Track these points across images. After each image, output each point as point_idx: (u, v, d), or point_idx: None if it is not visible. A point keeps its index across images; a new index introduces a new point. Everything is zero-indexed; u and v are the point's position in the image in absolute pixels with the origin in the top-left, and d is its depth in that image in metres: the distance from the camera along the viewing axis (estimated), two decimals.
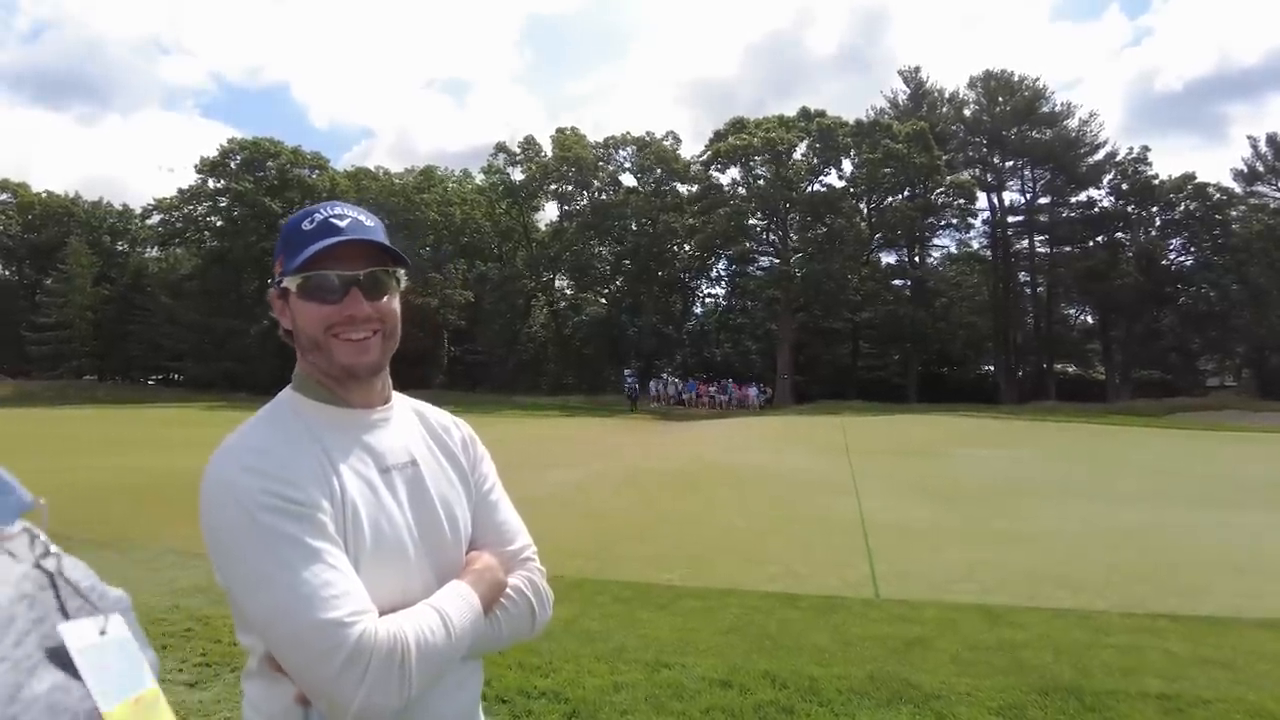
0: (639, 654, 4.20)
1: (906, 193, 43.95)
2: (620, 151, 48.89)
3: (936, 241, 48.52)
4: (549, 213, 52.01)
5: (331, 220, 1.12)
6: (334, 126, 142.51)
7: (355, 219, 1.14)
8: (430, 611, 1.07)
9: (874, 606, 5.22)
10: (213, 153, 50.10)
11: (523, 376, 45.64)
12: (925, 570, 6.29)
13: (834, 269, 40.54)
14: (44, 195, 55.12)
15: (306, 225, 1.12)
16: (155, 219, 51.96)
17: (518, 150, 48.87)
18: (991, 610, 5.08)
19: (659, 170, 47.60)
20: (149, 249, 55.02)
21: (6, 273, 55.64)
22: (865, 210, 45.14)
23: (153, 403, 38.87)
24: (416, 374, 44.92)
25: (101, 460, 13.49)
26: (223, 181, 49.76)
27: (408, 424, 1.25)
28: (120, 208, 57.11)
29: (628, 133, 48.57)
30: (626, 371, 42.56)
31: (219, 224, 49.82)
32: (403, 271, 1.19)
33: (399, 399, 1.27)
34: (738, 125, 44.25)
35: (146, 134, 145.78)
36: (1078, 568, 6.36)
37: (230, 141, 50.55)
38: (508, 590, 1.21)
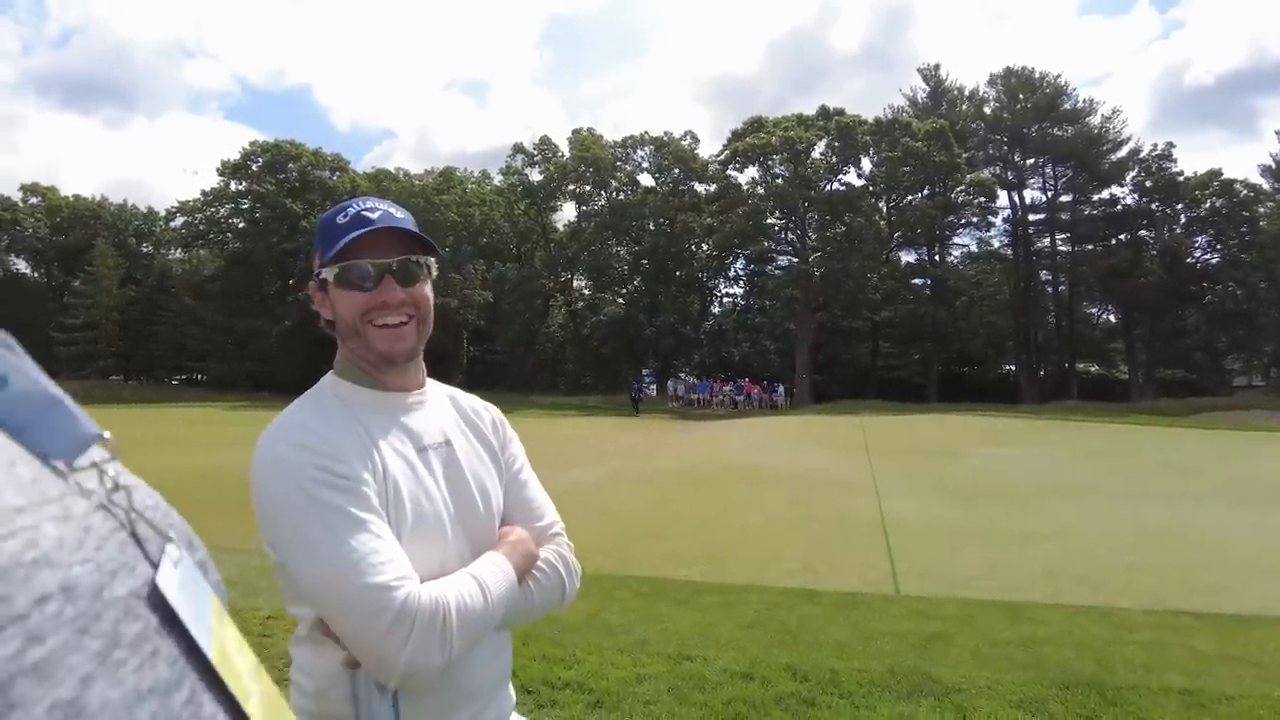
0: (660, 647, 4.25)
1: (926, 191, 43.70)
2: (638, 151, 48.98)
3: (956, 240, 48.26)
4: (567, 213, 52.27)
5: (364, 213, 1.19)
6: (355, 128, 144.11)
7: (386, 211, 1.21)
8: (469, 579, 1.13)
9: (894, 602, 5.23)
10: (235, 155, 50.87)
11: (541, 376, 45.82)
12: (945, 568, 6.29)
13: (853, 268, 40.37)
14: (72, 198, 56.11)
15: (340, 219, 1.19)
16: (179, 221, 52.69)
17: (535, 151, 49.07)
18: (1012, 607, 5.08)
19: (677, 170, 47.61)
20: (173, 250, 55.82)
21: (36, 275, 56.61)
22: (885, 209, 44.92)
23: (176, 402, 39.41)
24: (437, 373, 44.67)
25: (129, 460, 13.69)
26: (245, 183, 50.45)
27: (441, 407, 1.32)
28: (145, 210, 58.10)
29: (645, 132, 48.68)
30: (645, 371, 42.62)
31: (241, 226, 50.42)
32: (433, 260, 1.26)
33: (432, 384, 1.34)
34: (756, 124, 44.16)
35: (172, 137, 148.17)
36: (1100, 566, 6.33)
37: (252, 144, 51.28)
38: (539, 563, 1.28)
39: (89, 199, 56.81)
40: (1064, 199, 46.37)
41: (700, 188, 47.77)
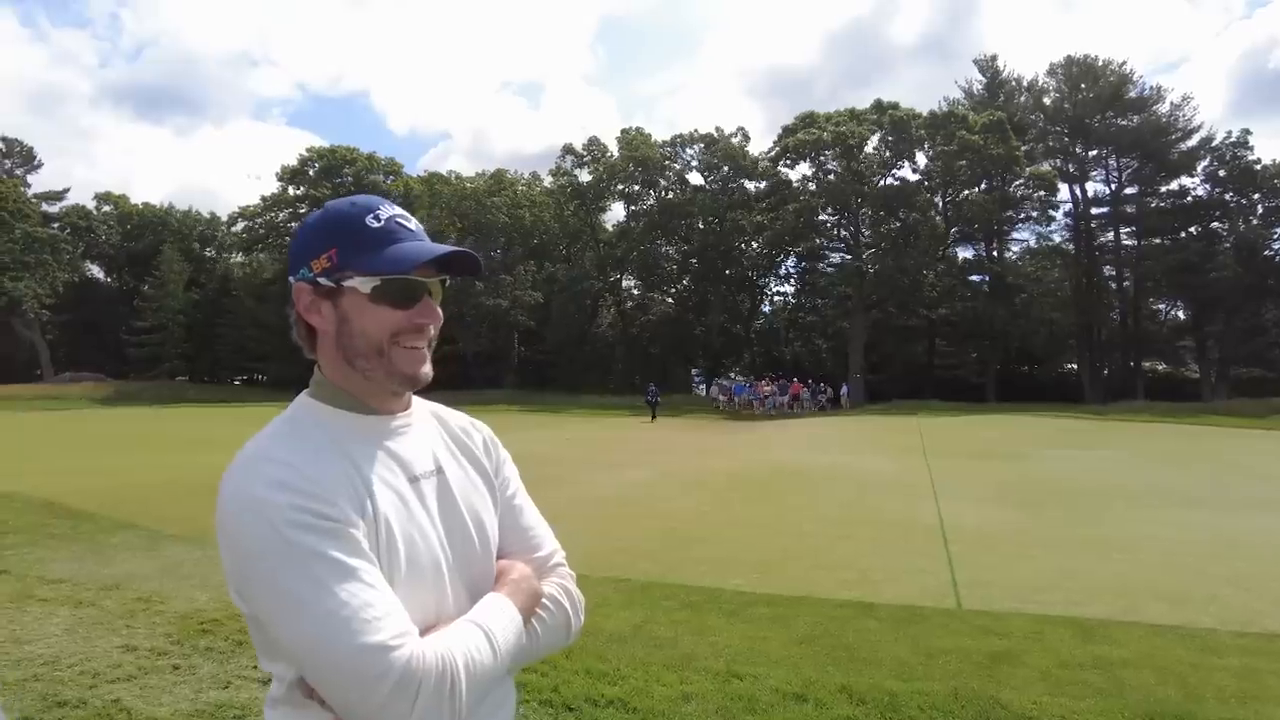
0: (709, 663, 4.08)
1: (983, 185, 42.52)
2: (687, 150, 48.71)
3: (1016, 235, 46.81)
4: (616, 213, 52.25)
5: (399, 220, 1.08)
6: (412, 131, 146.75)
7: (416, 221, 1.12)
8: (474, 629, 1.00)
9: (956, 617, 4.97)
10: (294, 161, 52.28)
11: (591, 376, 45.86)
12: (1009, 579, 5.98)
13: (908, 264, 39.49)
14: (141, 206, 58.30)
15: (373, 222, 1.06)
16: (240, 226, 54.38)
17: (584, 152, 49.19)
18: (1083, 624, 4.78)
19: (726, 167, 47.22)
20: (235, 254, 57.49)
21: (108, 279, 58.94)
22: (940, 204, 43.85)
23: (238, 402, 40.55)
24: (488, 374, 45.74)
25: (191, 458, 14.06)
26: (302, 188, 51.90)
27: (429, 429, 1.19)
28: (209, 216, 60.00)
29: (695, 130, 48.37)
30: (694, 371, 42.37)
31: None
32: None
33: (416, 403, 1.20)
34: (807, 120, 43.52)
35: (237, 143, 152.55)
36: (1178, 579, 5.95)
37: (309, 150, 52.76)
38: (544, 600, 1.15)
39: (157, 206, 58.95)
40: (1129, 191, 44.61)
41: (750, 185, 47.28)
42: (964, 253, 45.63)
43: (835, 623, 4.81)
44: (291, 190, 52.53)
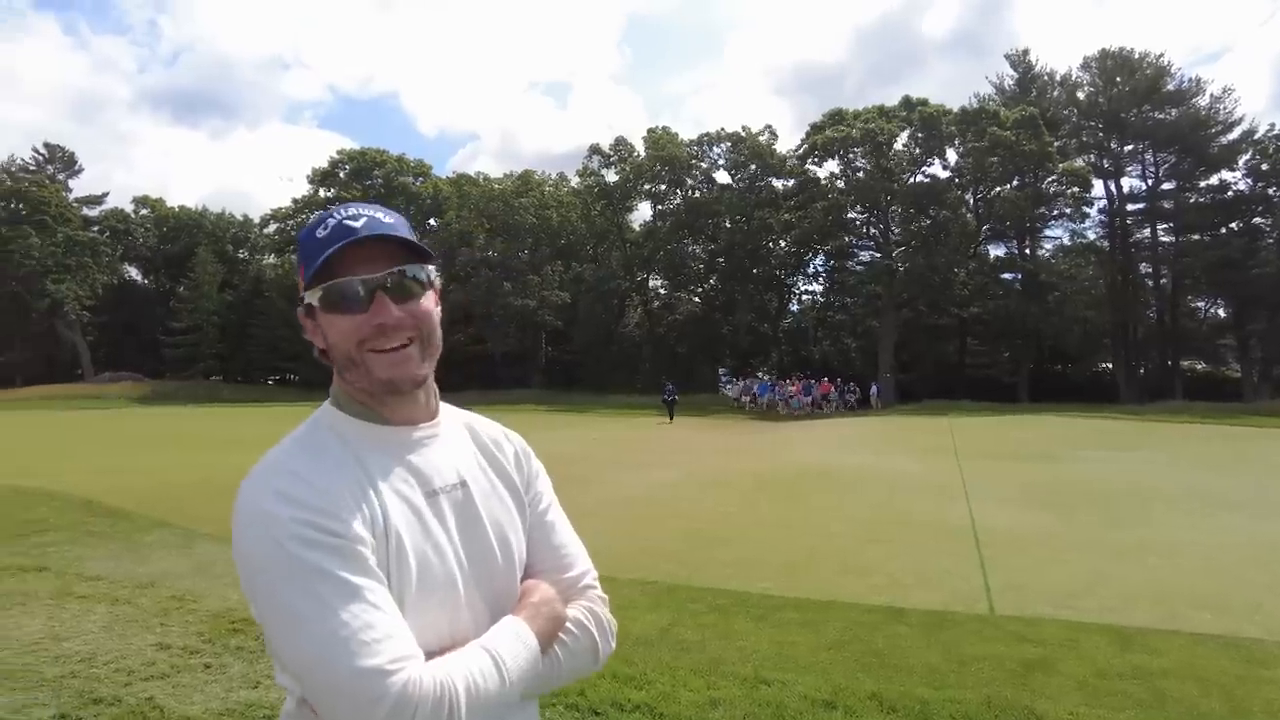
0: (736, 668, 4.04)
1: (1015, 182, 41.85)
2: (714, 148, 48.54)
3: (1048, 232, 45.95)
4: (643, 212, 52.21)
5: (345, 222, 1.02)
6: (441, 132, 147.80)
7: (371, 217, 1.04)
8: (482, 654, 0.98)
9: (988, 623, 4.88)
10: (324, 163, 52.98)
11: (617, 376, 45.90)
12: (1043, 584, 5.87)
13: (939, 262, 39.00)
14: (177, 209, 59.38)
15: (320, 232, 1.02)
16: (272, 228, 55.16)
17: (611, 152, 49.23)
18: (1121, 631, 4.66)
19: (754, 166, 47.00)
20: (267, 256, 58.32)
21: (145, 281, 60.12)
22: (971, 201, 43.26)
23: (271, 402, 41.17)
24: (516, 374, 45.98)
25: (223, 458, 14.27)
26: (333, 191, 52.55)
27: (456, 440, 1.15)
28: (242, 218, 60.96)
29: (722, 129, 48.17)
30: (722, 370, 42.22)
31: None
32: (432, 268, 1.09)
33: (447, 412, 1.17)
34: (835, 117, 43.17)
35: (270, 146, 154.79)
36: (1220, 586, 5.79)
37: (339, 152, 53.53)
38: (568, 624, 1.10)
39: (192, 209, 59.97)
40: (1166, 186, 43.63)
41: (778, 183, 47.00)
42: (995, 250, 45.00)
43: (865, 628, 4.74)
44: (322, 192, 53.17)
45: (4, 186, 49.26)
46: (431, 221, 53.32)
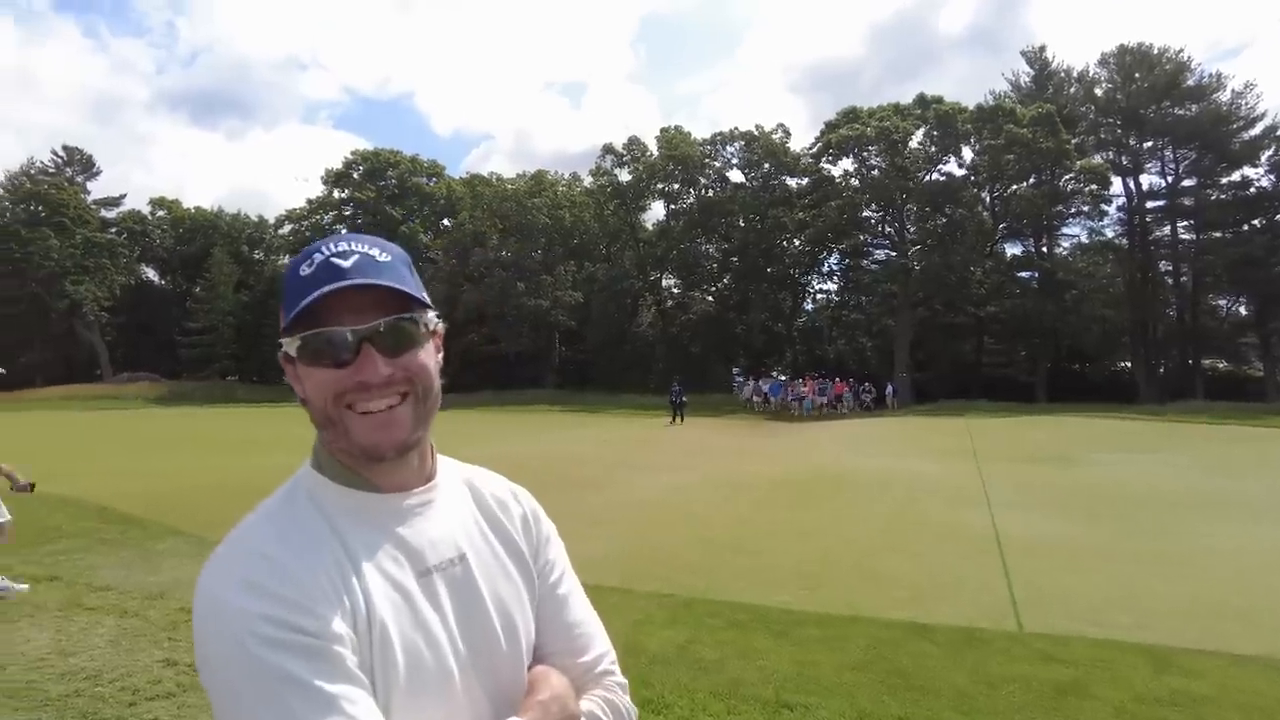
0: (757, 689, 3.91)
1: (1032, 180, 41.41)
2: (728, 147, 48.33)
3: (1066, 230, 45.39)
4: (656, 212, 52.08)
5: (333, 260, 0.87)
6: (456, 132, 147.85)
7: (364, 254, 0.89)
8: None
9: (1017, 641, 4.72)
10: (338, 164, 53.18)
11: (631, 375, 45.77)
12: (1071, 596, 5.71)
13: (955, 261, 38.65)
14: (193, 210, 59.76)
15: (305, 269, 0.88)
16: (287, 229, 55.45)
17: (624, 151, 49.13)
18: (1155, 652, 4.50)
19: (768, 165, 46.77)
20: (282, 257, 58.58)
21: (162, 282, 60.54)
22: (988, 199, 42.86)
23: (284, 402, 41.28)
24: (530, 374, 45.99)
25: (238, 460, 14.29)
26: (347, 191, 52.85)
27: (455, 506, 1.00)
28: (257, 219, 61.23)
29: (735, 128, 47.96)
30: (735, 370, 42.04)
31: (344, 232, 52.51)
32: (433, 314, 0.93)
33: (445, 470, 1.02)
34: (850, 115, 42.87)
35: (286, 146, 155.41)
36: (1258, 601, 5.61)
37: (353, 153, 53.75)
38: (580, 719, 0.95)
39: (208, 210, 60.33)
40: (1187, 183, 43.02)
41: (792, 182, 46.76)
42: (1012, 249, 44.52)
43: (889, 646, 4.60)
44: (336, 193, 53.48)
45: (24, 189, 49.80)
46: (445, 222, 53.43)
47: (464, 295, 43.79)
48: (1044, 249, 44.51)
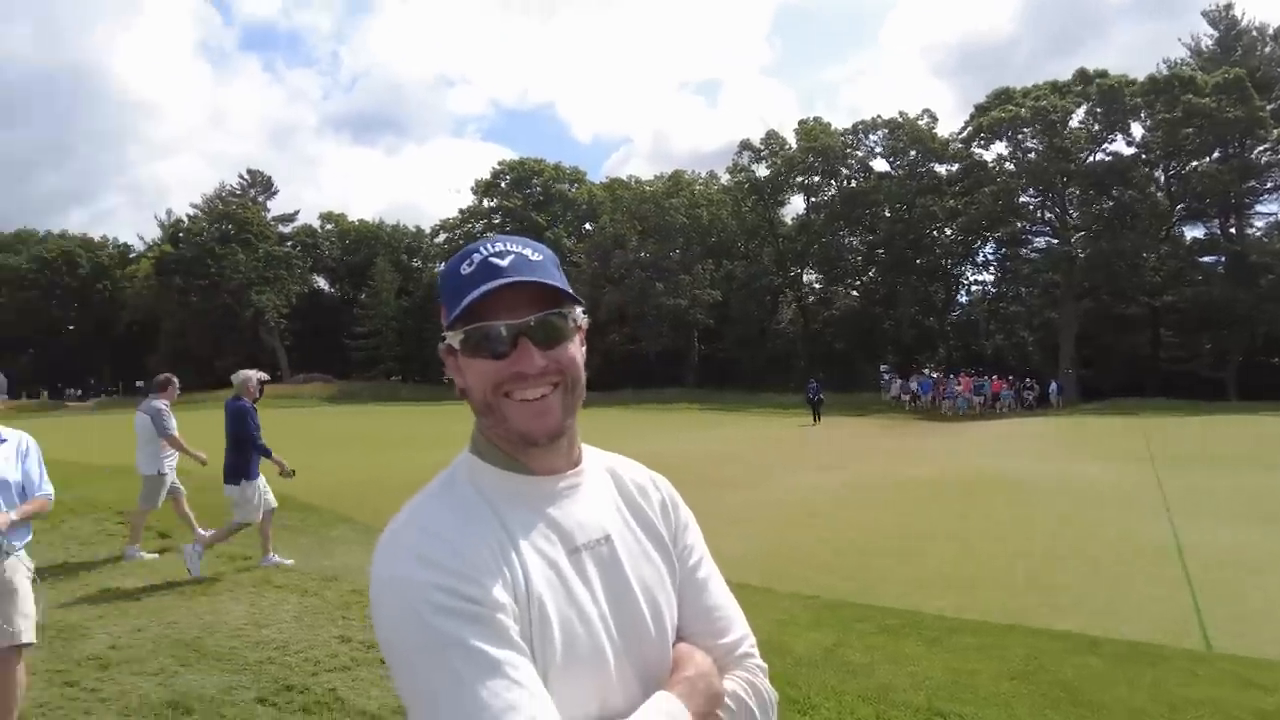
0: (908, 695, 3.78)
1: (1217, 154, 37.44)
2: (870, 136, 46.83)
3: (1260, 208, 40.52)
4: (795, 206, 51.20)
5: (491, 260, 0.95)
6: (595, 138, 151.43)
7: (519, 254, 0.96)
8: None
9: (1203, 661, 4.31)
10: (486, 174, 56.08)
11: (771, 374, 45.20)
12: (1269, 616, 5.14)
13: (1125, 247, 35.63)
14: (357, 222, 64.62)
15: (465, 269, 0.96)
16: (441, 237, 58.94)
17: (762, 146, 48.60)
18: None
19: (914, 152, 44.94)
20: (438, 264, 62.17)
21: (331, 290, 65.78)
22: (1162, 178, 39.17)
23: (444, 400, 43.71)
24: (670, 373, 46.41)
25: (401, 455, 15.26)
26: (495, 200, 55.63)
27: (600, 489, 1.05)
28: (414, 229, 65.39)
29: (878, 116, 46.41)
30: (883, 367, 40.65)
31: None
32: (580, 309, 0.99)
33: (590, 457, 1.07)
34: (1002, 96, 40.48)
35: (438, 160, 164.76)
36: None
37: (500, 163, 56.42)
38: (725, 699, 0.97)
39: (370, 222, 65.07)
40: None
41: (941, 168, 44.68)
42: (1193, 231, 40.50)
43: (1051, 657, 4.32)
44: (485, 202, 56.34)
45: (217, 210, 55.82)
46: (586, 226, 54.90)
47: (605, 296, 44.74)
48: (1233, 230, 40.16)
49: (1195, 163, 37.71)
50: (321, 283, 65.57)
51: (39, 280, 57.97)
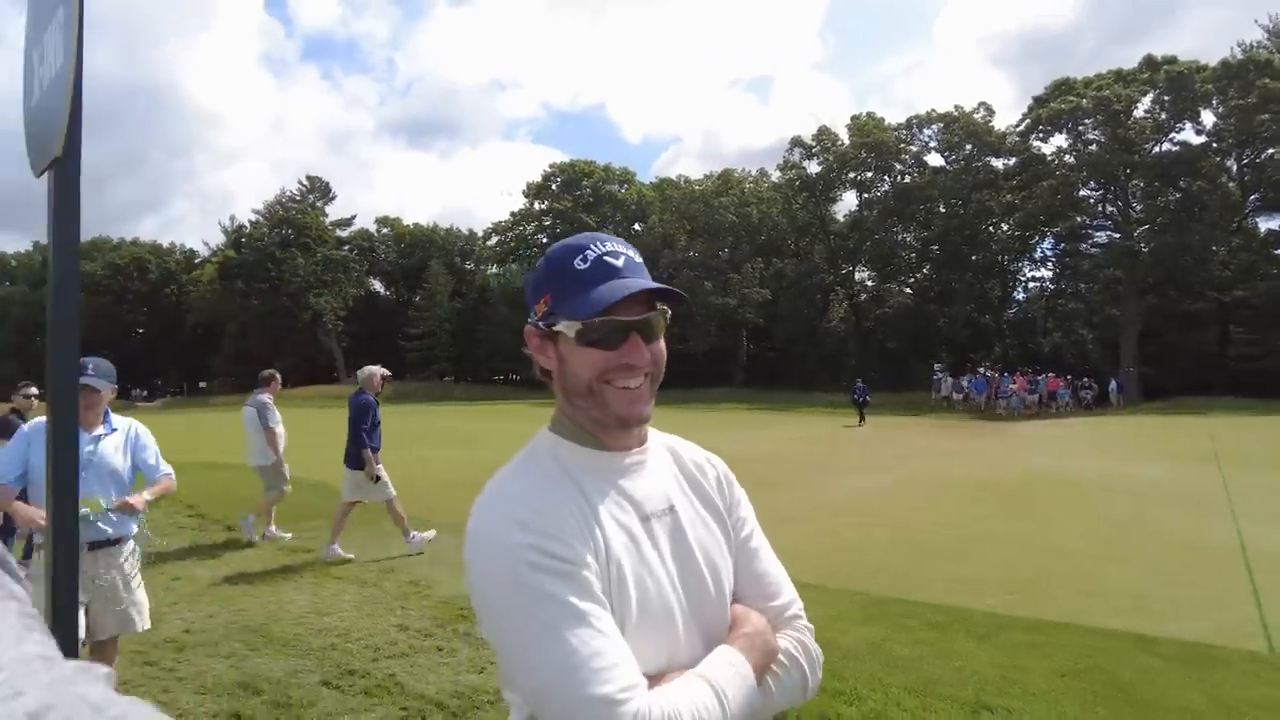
0: (954, 690, 3.79)
1: None
2: (925, 130, 46.01)
3: None
4: (847, 202, 50.56)
5: (606, 259, 1.05)
6: (645, 138, 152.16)
7: (628, 256, 1.07)
8: (703, 685, 0.97)
9: (1266, 664, 4.21)
10: (537, 177, 56.67)
11: (822, 373, 44.75)
12: None
13: (1192, 241, 34.34)
14: (411, 226, 65.94)
15: (580, 264, 1.05)
16: (494, 240, 59.83)
17: (813, 142, 48.11)
18: None
19: (969, 146, 44.01)
20: (490, 266, 63.15)
21: (387, 292, 67.27)
22: (1234, 168, 37.63)
23: (496, 400, 44.38)
24: (718, 372, 46.26)
25: (453, 454, 15.59)
26: (546, 202, 56.27)
27: (663, 465, 1.16)
28: (467, 232, 66.49)
29: (932, 110, 45.59)
30: (937, 366, 39.90)
31: (545, 241, 55.78)
32: (669, 310, 1.11)
33: (653, 437, 1.18)
34: (1062, 87, 39.38)
35: (490, 163, 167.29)
36: None
37: (551, 166, 57.11)
38: (779, 655, 1.08)
39: (424, 225, 66.33)
40: None
41: (997, 163, 43.67)
42: (1268, 223, 38.72)
43: (1106, 655, 4.27)
44: (537, 205, 56.97)
45: (278, 216, 57.53)
46: (636, 227, 55.06)
47: None
48: None
49: (1271, 150, 36.13)
50: (377, 285, 67.10)
51: (112, 285, 60.50)
